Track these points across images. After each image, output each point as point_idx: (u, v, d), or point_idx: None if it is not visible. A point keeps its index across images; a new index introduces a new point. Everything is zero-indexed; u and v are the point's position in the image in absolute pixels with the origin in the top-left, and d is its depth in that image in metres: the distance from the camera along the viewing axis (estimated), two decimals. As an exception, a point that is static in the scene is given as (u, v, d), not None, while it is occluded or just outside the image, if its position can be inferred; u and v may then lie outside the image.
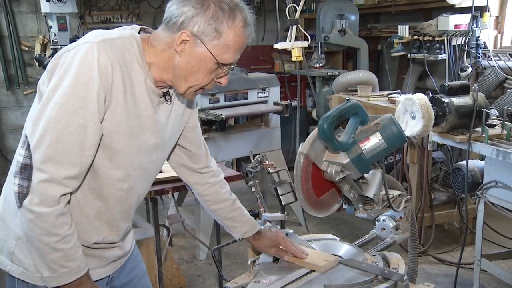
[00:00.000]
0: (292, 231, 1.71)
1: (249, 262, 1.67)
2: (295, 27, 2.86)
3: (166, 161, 1.60)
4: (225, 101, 3.78)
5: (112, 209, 1.40)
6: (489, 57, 4.27)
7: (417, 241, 1.91)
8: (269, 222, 1.76)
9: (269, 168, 1.79)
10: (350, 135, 1.45)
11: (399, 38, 4.77)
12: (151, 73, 1.34)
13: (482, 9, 4.21)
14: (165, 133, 1.45)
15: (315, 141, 1.47)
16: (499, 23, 4.52)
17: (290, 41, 2.88)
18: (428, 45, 4.50)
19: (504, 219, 2.89)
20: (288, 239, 1.65)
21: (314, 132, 1.47)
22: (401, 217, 1.78)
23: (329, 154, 1.48)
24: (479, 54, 4.22)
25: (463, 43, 4.21)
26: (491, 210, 2.85)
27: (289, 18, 2.85)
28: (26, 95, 5.21)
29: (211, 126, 3.94)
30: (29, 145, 1.19)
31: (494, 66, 4.21)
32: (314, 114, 5.45)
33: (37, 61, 4.40)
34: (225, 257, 3.57)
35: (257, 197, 1.82)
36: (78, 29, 5.20)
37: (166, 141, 1.48)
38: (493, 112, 2.99)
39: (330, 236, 1.83)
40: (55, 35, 4.24)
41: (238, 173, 2.75)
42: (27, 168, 1.18)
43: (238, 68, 3.94)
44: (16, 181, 1.20)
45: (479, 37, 4.18)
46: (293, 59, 2.95)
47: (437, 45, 4.40)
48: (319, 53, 5.00)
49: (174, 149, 1.59)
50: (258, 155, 1.45)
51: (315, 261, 1.56)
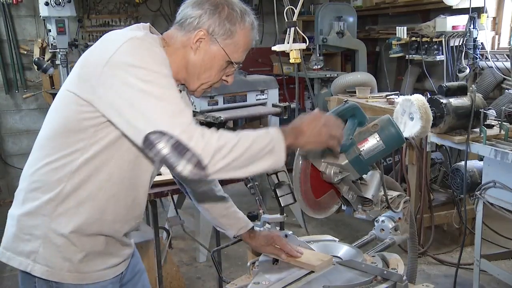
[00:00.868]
0: (291, 232, 1.71)
1: (248, 263, 1.68)
2: (293, 29, 2.87)
3: None
4: (224, 103, 3.79)
5: (141, 200, 1.47)
6: (486, 58, 4.29)
7: (416, 241, 1.91)
8: (269, 223, 1.77)
9: (267, 169, 1.79)
10: (348, 136, 1.45)
11: (397, 39, 4.78)
12: None
13: (479, 10, 4.22)
14: None
15: None
16: (496, 24, 4.53)
17: (288, 43, 2.88)
18: (426, 46, 4.52)
19: (503, 219, 2.89)
20: (282, 237, 1.67)
21: None
22: (400, 218, 1.79)
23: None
24: (477, 55, 4.23)
25: (461, 44, 4.23)
26: (490, 210, 2.85)
27: (287, 20, 2.86)
28: (25, 98, 5.21)
29: (210, 128, 3.94)
30: (160, 132, 1.18)
31: (492, 67, 4.23)
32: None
33: (36, 65, 4.41)
34: (225, 259, 3.58)
35: (256, 198, 1.82)
36: (76, 33, 5.21)
37: None
38: (491, 112, 3.00)
39: (329, 237, 1.84)
40: (53, 39, 4.24)
41: (236, 176, 2.75)
42: (178, 145, 1.18)
43: (236, 70, 3.94)
44: (183, 163, 1.18)
45: (476, 38, 4.20)
46: (291, 61, 2.96)
47: (435, 46, 4.41)
48: (318, 55, 5.02)
49: None
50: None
51: (311, 260, 1.57)
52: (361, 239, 1.82)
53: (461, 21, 4.24)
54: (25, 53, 5.15)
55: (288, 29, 2.90)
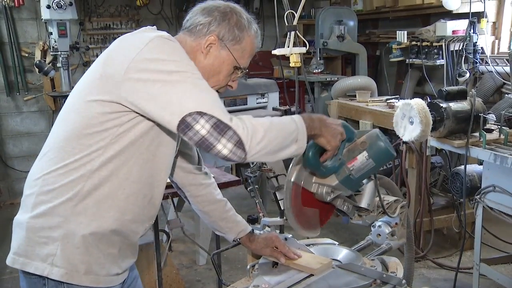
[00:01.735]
0: (291, 235, 1.72)
1: (248, 266, 1.68)
2: (293, 33, 2.87)
3: None
4: (224, 106, 3.80)
5: (156, 200, 1.49)
6: (486, 62, 4.30)
7: (413, 242, 1.89)
8: (269, 226, 1.78)
9: (268, 173, 1.80)
10: (337, 156, 1.44)
11: (398, 43, 4.80)
12: None
13: (479, 15, 4.24)
14: (176, 138, 1.52)
15: (302, 165, 1.46)
16: (496, 28, 4.55)
17: (288, 47, 2.89)
18: (426, 50, 4.53)
19: (502, 223, 2.89)
20: (281, 239, 1.68)
21: (299, 157, 1.44)
22: (396, 223, 1.77)
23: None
24: (477, 59, 4.25)
25: (460, 48, 4.24)
26: (490, 215, 2.86)
27: (287, 24, 2.87)
28: (26, 101, 5.22)
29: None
30: (200, 112, 1.22)
31: (491, 71, 4.24)
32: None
33: (37, 67, 4.42)
34: (225, 262, 3.58)
35: (257, 202, 1.84)
36: (78, 36, 5.23)
37: (174, 149, 1.54)
38: (491, 117, 3.01)
39: (329, 240, 1.84)
40: (55, 42, 4.26)
41: (237, 179, 2.77)
42: (218, 124, 1.22)
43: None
44: (223, 141, 1.21)
45: (476, 42, 4.21)
46: (291, 65, 2.96)
47: (435, 51, 4.42)
48: (318, 59, 5.03)
49: None
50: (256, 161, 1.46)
51: (310, 264, 1.58)
52: (357, 244, 1.82)
53: (461, 25, 4.26)
54: (27, 55, 5.17)
55: (288, 33, 2.90)
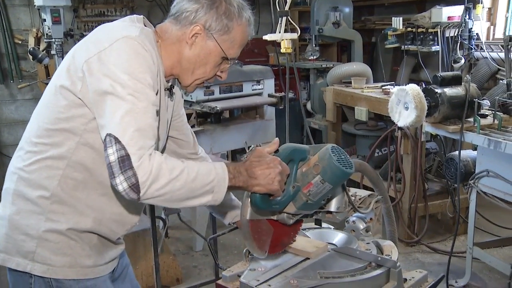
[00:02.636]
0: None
1: (244, 250, 1.69)
2: (284, 18, 2.85)
3: None
4: (220, 94, 3.79)
5: (136, 203, 1.44)
6: (481, 48, 4.31)
7: (393, 217, 1.81)
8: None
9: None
10: (290, 184, 1.37)
11: (393, 30, 4.79)
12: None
13: (475, 1, 4.24)
14: (166, 126, 1.50)
15: None
16: (491, 14, 4.55)
17: (279, 32, 2.87)
18: (421, 37, 4.53)
19: (495, 208, 2.93)
20: None
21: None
22: (371, 218, 1.71)
23: None
24: (472, 45, 4.25)
25: (456, 34, 4.24)
26: (483, 200, 2.89)
27: (278, 9, 2.84)
28: (20, 89, 5.18)
29: (206, 118, 3.95)
30: (116, 138, 1.18)
31: (486, 57, 4.25)
32: (308, 106, 5.47)
33: (31, 55, 4.38)
34: (221, 248, 3.60)
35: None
36: (72, 23, 5.17)
37: (165, 134, 1.53)
38: (485, 102, 3.02)
39: (324, 225, 1.86)
40: (49, 29, 4.20)
41: (233, 165, 2.77)
42: (124, 160, 1.17)
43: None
44: (121, 178, 1.17)
45: (472, 28, 4.21)
46: (282, 50, 2.94)
47: (431, 37, 4.42)
48: (314, 46, 5.01)
49: None
50: (252, 146, 1.46)
51: (306, 247, 1.59)
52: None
53: (457, 11, 4.25)
54: (20, 42, 5.11)
55: (279, 19, 2.88)
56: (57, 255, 1.34)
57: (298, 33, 2.88)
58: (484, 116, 2.96)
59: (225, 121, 4.11)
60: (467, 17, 4.17)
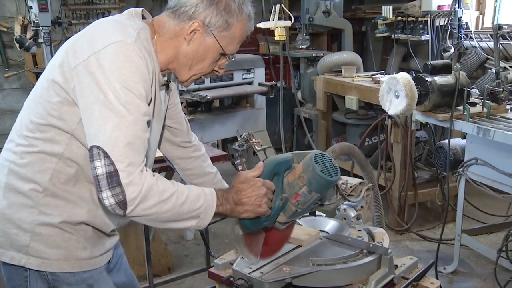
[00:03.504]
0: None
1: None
2: (278, 6, 2.85)
3: None
4: (210, 82, 3.78)
5: None
6: (471, 37, 4.32)
7: (380, 202, 1.84)
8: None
9: (255, 146, 1.80)
10: (278, 197, 1.39)
11: (383, 19, 4.78)
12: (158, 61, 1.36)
13: (464, -11, 4.24)
14: (162, 119, 1.50)
15: None
16: (480, 3, 4.57)
17: (273, 20, 2.86)
18: (411, 26, 4.53)
19: (483, 195, 2.96)
20: None
21: None
22: (362, 206, 1.72)
23: None
24: (461, 34, 4.26)
25: (446, 23, 4.25)
26: (471, 188, 2.92)
27: (272, -3, 2.84)
28: (7, 77, 5.10)
29: (197, 107, 3.94)
30: (105, 152, 1.17)
31: (475, 46, 4.27)
32: (299, 95, 5.46)
33: (18, 43, 4.30)
34: (212, 237, 3.61)
35: (245, 174, 1.83)
36: (59, 11, 5.09)
37: (159, 129, 1.52)
38: (474, 91, 3.04)
39: (316, 212, 1.87)
40: (35, 16, 4.13)
41: (224, 153, 2.77)
42: (112, 175, 1.16)
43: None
44: (108, 193, 1.16)
45: (461, 17, 4.21)
46: (276, 38, 2.94)
47: (421, 26, 4.43)
48: (304, 34, 4.99)
49: None
50: (244, 134, 1.45)
51: (298, 235, 1.60)
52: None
53: (447, 0, 4.26)
54: (5, 30, 5.02)
55: (273, 6, 2.88)
56: (51, 248, 1.32)
57: (292, 21, 2.88)
58: (473, 104, 2.98)
59: (215, 110, 4.10)
60: (457, 6, 4.17)
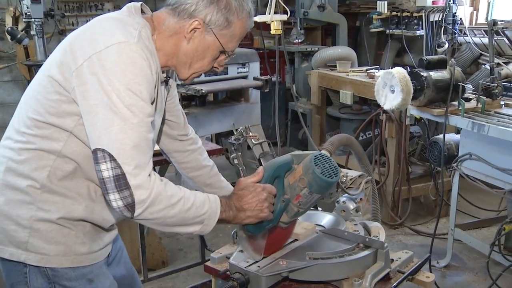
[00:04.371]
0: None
1: (232, 233, 1.69)
2: (274, 0, 2.84)
3: None
4: (205, 76, 3.75)
5: None
6: (465, 33, 4.34)
7: (376, 195, 1.86)
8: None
9: (252, 139, 1.80)
10: (279, 200, 1.41)
11: (378, 14, 4.78)
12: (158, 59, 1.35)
13: (459, -15, 4.25)
14: (162, 114, 1.49)
15: None
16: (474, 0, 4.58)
17: (269, 14, 2.85)
18: (406, 21, 4.53)
19: (476, 190, 2.98)
20: None
21: None
22: (361, 199, 1.73)
23: None
24: (456, 30, 4.27)
25: (440, 19, 4.26)
26: (465, 182, 2.94)
27: (268, -9, 2.82)
28: (-2, 70, 5.06)
29: (191, 101, 3.92)
30: (111, 155, 1.16)
31: (469, 42, 4.28)
32: (295, 89, 5.46)
33: (9, 35, 4.25)
34: (207, 231, 3.60)
35: (240, 169, 1.84)
36: (52, 2, 5.03)
37: (159, 124, 1.51)
38: (469, 86, 3.05)
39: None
40: (27, 8, 4.08)
41: (219, 147, 2.76)
42: (120, 178, 1.17)
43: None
44: (116, 196, 1.17)
45: (455, 13, 4.23)
46: (272, 32, 2.92)
47: (415, 21, 4.43)
48: (298, 29, 4.99)
49: None
50: (241, 127, 1.45)
51: (295, 229, 1.60)
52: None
53: (441, -4, 4.27)
54: (-4, 22, 4.97)
55: (269, 0, 2.86)
56: (50, 244, 1.31)
57: (288, 15, 2.87)
58: (468, 99, 3.00)
59: (209, 104, 4.08)
60: (451, 1, 4.18)
